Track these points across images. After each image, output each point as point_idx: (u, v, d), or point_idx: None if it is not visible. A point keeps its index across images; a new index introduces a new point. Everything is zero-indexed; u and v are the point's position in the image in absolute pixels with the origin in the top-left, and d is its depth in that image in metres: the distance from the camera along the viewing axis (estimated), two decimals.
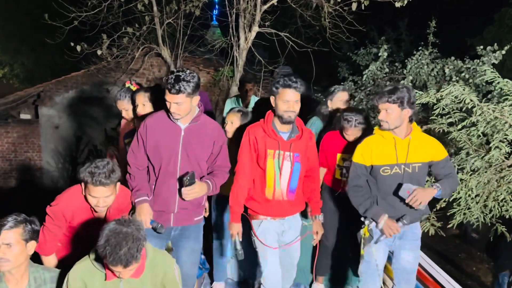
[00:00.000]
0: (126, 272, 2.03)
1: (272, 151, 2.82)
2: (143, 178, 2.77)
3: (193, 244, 2.88)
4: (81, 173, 2.49)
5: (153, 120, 2.72)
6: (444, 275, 3.41)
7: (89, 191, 2.50)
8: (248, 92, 5.05)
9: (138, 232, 2.02)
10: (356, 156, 2.93)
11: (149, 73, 9.15)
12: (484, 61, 6.34)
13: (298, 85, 2.72)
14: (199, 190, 2.65)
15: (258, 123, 2.90)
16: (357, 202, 2.92)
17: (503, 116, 3.71)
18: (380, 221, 2.83)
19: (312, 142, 3.02)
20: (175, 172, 2.71)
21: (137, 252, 1.98)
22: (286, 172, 2.86)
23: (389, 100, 2.74)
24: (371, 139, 2.91)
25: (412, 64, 7.02)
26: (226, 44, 7.79)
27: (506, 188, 3.87)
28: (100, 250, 1.97)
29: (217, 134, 2.80)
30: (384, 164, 2.85)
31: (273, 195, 2.89)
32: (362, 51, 8.89)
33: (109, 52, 7.98)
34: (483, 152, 3.97)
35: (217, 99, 9.13)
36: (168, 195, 2.75)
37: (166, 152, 2.68)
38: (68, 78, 9.71)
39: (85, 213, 2.64)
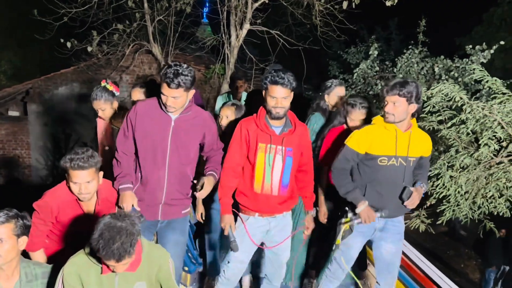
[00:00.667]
0: (120, 266, 2.02)
1: (264, 145, 2.80)
2: (129, 164, 2.75)
3: (178, 236, 2.88)
4: (61, 161, 2.50)
5: (144, 107, 2.70)
6: (435, 270, 3.45)
7: (71, 178, 2.49)
8: (239, 89, 5.05)
9: (132, 227, 2.00)
10: (351, 141, 2.91)
11: (140, 70, 9.09)
12: (473, 60, 6.42)
13: (286, 81, 2.67)
14: (209, 187, 2.71)
15: (251, 117, 2.88)
16: (340, 183, 2.93)
17: (492, 114, 3.76)
18: (360, 206, 2.87)
19: (306, 136, 2.99)
20: (164, 162, 2.70)
21: (131, 247, 1.97)
22: (278, 166, 2.83)
23: (399, 93, 2.73)
24: (371, 128, 2.90)
25: (402, 63, 7.08)
26: (217, 42, 7.77)
27: (495, 185, 3.92)
28: (93, 243, 1.95)
29: (208, 125, 2.81)
30: (383, 154, 2.86)
31: (262, 189, 2.85)
32: (353, 49, 8.95)
33: (99, 49, 7.90)
34: (472, 149, 4.02)
35: (208, 97, 9.11)
36: (156, 186, 2.74)
37: (155, 142, 2.67)
38: (58, 75, 9.62)
39: (72, 207, 2.63)
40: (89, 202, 2.66)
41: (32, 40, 8.72)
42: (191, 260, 3.40)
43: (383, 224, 2.99)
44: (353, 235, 2.98)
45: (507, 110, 3.76)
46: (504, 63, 10.22)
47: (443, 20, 11.64)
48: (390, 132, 2.85)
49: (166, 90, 2.54)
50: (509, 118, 3.77)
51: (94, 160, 2.49)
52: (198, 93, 5.72)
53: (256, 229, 2.92)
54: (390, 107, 2.78)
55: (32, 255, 2.63)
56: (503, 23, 10.76)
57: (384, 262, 3.04)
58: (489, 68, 6.01)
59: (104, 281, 2.14)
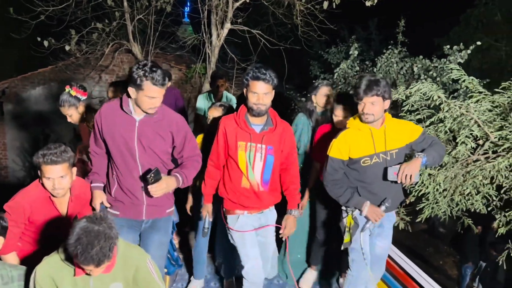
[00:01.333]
0: (98, 270, 1.99)
1: (243, 143, 2.81)
2: (101, 163, 2.74)
3: (162, 236, 2.84)
4: (34, 158, 2.46)
5: (107, 109, 2.64)
6: (415, 267, 3.49)
7: (43, 174, 2.46)
8: (220, 88, 5.03)
9: (110, 230, 1.96)
10: (333, 151, 2.94)
11: (120, 70, 8.97)
12: (451, 60, 6.52)
13: (268, 76, 2.66)
14: (166, 185, 2.56)
15: (231, 115, 2.88)
16: (337, 194, 2.95)
17: (468, 112, 3.82)
18: (363, 208, 2.88)
19: (289, 135, 2.97)
20: (136, 165, 2.64)
21: (109, 251, 1.94)
22: (258, 164, 2.85)
23: (377, 93, 2.75)
24: (347, 134, 2.93)
25: (382, 63, 7.15)
26: (198, 41, 7.74)
27: (472, 182, 3.98)
28: (70, 249, 1.91)
29: (175, 126, 2.69)
30: (363, 155, 2.90)
31: (251, 186, 2.89)
32: (333, 49, 9.01)
33: (77, 48, 7.78)
34: (450, 147, 4.07)
35: (189, 96, 9.05)
36: (134, 187, 2.69)
37: (122, 144, 2.61)
38: (35, 75, 9.42)
39: (45, 205, 2.59)
40: (63, 199, 2.62)
41: (8, 39, 8.53)
42: (171, 261, 3.37)
43: (380, 220, 3.01)
44: (359, 230, 2.98)
45: (483, 109, 3.83)
46: (481, 63, 10.44)
47: (422, 21, 11.82)
48: (364, 132, 2.89)
49: (151, 91, 2.47)
50: (485, 117, 3.84)
51: (67, 155, 2.47)
52: (179, 93, 5.70)
53: (249, 227, 2.96)
54: (368, 108, 2.80)
55: (4, 258, 2.57)
56: (479, 24, 10.98)
57: (375, 256, 3.11)
58: (466, 68, 6.12)
59: (79, 283, 2.10)
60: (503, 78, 8.17)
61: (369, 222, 2.93)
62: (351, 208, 2.98)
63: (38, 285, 2.10)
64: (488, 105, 3.85)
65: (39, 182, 2.56)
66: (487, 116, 3.86)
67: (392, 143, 2.92)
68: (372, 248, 3.09)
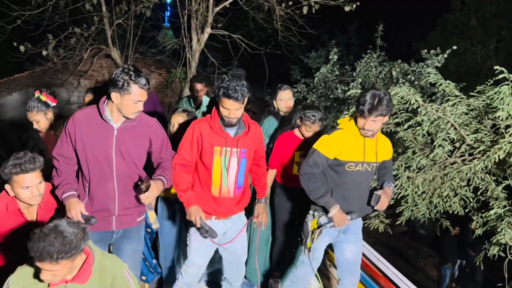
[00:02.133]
0: (44, 272, 1.90)
1: (219, 148, 2.77)
2: (70, 173, 2.61)
3: (135, 245, 2.78)
4: (4, 171, 2.37)
5: (83, 117, 2.54)
6: (393, 270, 3.52)
7: (20, 184, 2.39)
8: (199, 92, 4.99)
9: (74, 238, 1.89)
10: (322, 147, 2.91)
11: (99, 75, 8.86)
12: (428, 64, 6.63)
13: (239, 95, 2.60)
14: (157, 190, 2.56)
15: (204, 119, 2.83)
16: (311, 188, 2.92)
17: (445, 115, 3.88)
18: (332, 209, 2.89)
19: (260, 135, 3.00)
20: (111, 175, 2.57)
21: (57, 253, 1.85)
22: (233, 168, 2.82)
23: (382, 113, 2.74)
24: (342, 134, 2.92)
25: (361, 67, 7.23)
26: (178, 46, 7.70)
27: (449, 184, 4.05)
28: (31, 233, 1.87)
29: (154, 132, 2.66)
30: (351, 160, 2.90)
31: (219, 193, 2.84)
32: (314, 54, 9.06)
33: (55, 53, 7.65)
34: (428, 150, 4.13)
35: (170, 101, 8.99)
36: (107, 198, 2.61)
37: (99, 153, 2.53)
38: (11, 80, 9.22)
39: (13, 218, 2.52)
40: (32, 208, 2.56)
41: None
42: (149, 269, 3.33)
43: (345, 226, 3.03)
44: (320, 237, 2.99)
45: (459, 112, 3.90)
46: (457, 67, 10.65)
47: (400, 26, 11.99)
48: (358, 138, 2.90)
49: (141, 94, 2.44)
50: (461, 120, 3.90)
51: (40, 160, 2.44)
52: (157, 98, 5.65)
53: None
54: (370, 125, 2.79)
55: None
56: (455, 29, 11.22)
57: (348, 263, 3.10)
58: (444, 71, 6.21)
59: None
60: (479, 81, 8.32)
61: (331, 223, 2.92)
62: (318, 213, 2.99)
63: None
64: (464, 108, 3.93)
65: (7, 195, 2.47)
66: (463, 119, 3.93)
67: (379, 156, 2.97)
68: (342, 254, 3.10)
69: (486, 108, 3.90)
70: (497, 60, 10.37)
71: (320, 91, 7.61)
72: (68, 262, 1.92)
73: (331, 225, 2.92)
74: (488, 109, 3.88)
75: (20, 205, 2.52)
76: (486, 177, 3.91)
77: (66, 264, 1.92)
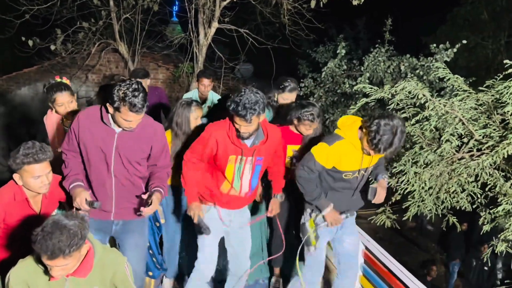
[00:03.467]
0: (55, 268, 1.92)
1: (234, 157, 2.78)
2: (77, 165, 2.67)
3: (137, 239, 2.80)
4: (15, 161, 2.40)
5: (85, 119, 2.59)
6: (398, 265, 3.49)
7: (31, 173, 2.42)
8: (206, 87, 4.97)
9: (78, 229, 1.91)
10: (320, 157, 2.87)
11: (106, 69, 8.87)
12: (437, 58, 6.56)
13: (247, 114, 2.57)
14: (157, 202, 2.63)
15: (223, 126, 2.79)
16: (306, 190, 2.95)
17: (453, 110, 3.83)
18: (325, 209, 2.94)
19: (277, 138, 2.95)
20: (109, 175, 2.62)
21: (68, 247, 1.86)
22: (247, 175, 2.87)
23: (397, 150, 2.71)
24: (342, 146, 2.86)
25: (369, 62, 7.17)
26: (186, 40, 7.70)
27: (457, 180, 4.01)
28: (33, 235, 1.87)
29: (155, 137, 2.67)
30: (349, 170, 2.93)
31: (228, 191, 2.91)
32: (321, 48, 9.00)
33: (63, 47, 7.71)
34: (435, 145, 4.09)
35: (177, 96, 8.99)
36: (105, 195, 2.67)
37: (98, 154, 2.58)
38: (20, 75, 9.29)
39: (21, 207, 2.56)
40: (38, 198, 2.62)
41: None
42: (156, 265, 3.33)
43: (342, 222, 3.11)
44: (320, 238, 3.04)
45: (468, 107, 3.85)
46: (467, 62, 10.51)
47: (409, 19, 11.87)
48: (357, 149, 2.87)
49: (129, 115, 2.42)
50: (469, 115, 3.86)
51: (49, 150, 2.48)
52: (163, 92, 5.65)
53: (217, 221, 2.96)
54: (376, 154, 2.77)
55: None
56: (466, 23, 11.06)
57: (348, 254, 3.17)
58: (453, 66, 6.17)
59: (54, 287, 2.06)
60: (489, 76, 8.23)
61: (325, 223, 2.99)
62: (315, 213, 3.03)
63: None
64: (473, 103, 3.87)
65: (15, 185, 2.51)
66: (471, 114, 3.88)
67: (374, 160, 2.98)
68: (342, 246, 3.16)
69: (495, 102, 3.85)
70: (508, 54, 10.21)
71: (327, 85, 7.57)
72: (77, 253, 1.95)
73: (325, 224, 2.99)
74: (497, 103, 3.83)
75: (27, 194, 2.56)
76: (495, 173, 3.86)
77: (76, 255, 1.96)
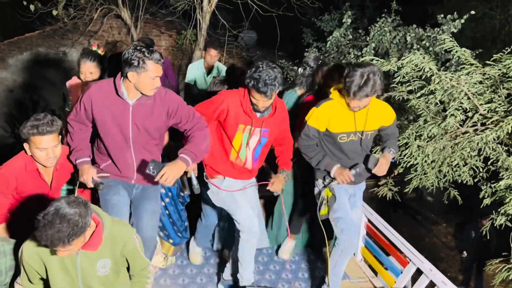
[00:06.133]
0: (59, 252, 1.96)
1: (243, 126, 2.84)
2: (84, 138, 2.68)
3: (153, 206, 2.86)
4: (23, 130, 2.43)
5: (98, 92, 2.55)
6: (398, 237, 3.56)
7: (36, 145, 2.45)
8: (213, 58, 4.93)
9: (79, 217, 1.91)
10: (311, 120, 2.94)
11: (109, 35, 8.75)
12: (444, 29, 6.47)
13: (268, 91, 2.61)
14: (175, 171, 2.49)
15: (237, 93, 2.82)
16: (310, 156, 3.01)
17: (459, 84, 3.82)
18: (332, 169, 2.96)
19: (284, 113, 3.02)
20: (128, 146, 2.63)
21: (68, 237, 1.88)
22: (252, 144, 2.93)
23: (367, 94, 2.70)
24: (329, 105, 2.91)
25: (375, 31, 7.07)
26: (189, 7, 7.57)
27: (460, 154, 4.04)
28: (36, 220, 1.89)
29: (168, 104, 2.62)
30: (342, 131, 2.93)
31: (236, 159, 2.98)
32: (327, 17, 8.86)
33: (65, 12, 7.60)
34: (439, 119, 4.10)
35: (180, 63, 8.92)
36: (126, 166, 2.70)
37: (115, 127, 2.57)
38: (22, 39, 9.17)
39: (32, 177, 2.60)
40: (49, 170, 2.65)
41: None
42: (177, 233, 3.40)
43: (353, 191, 3.16)
44: (338, 198, 3.01)
45: (474, 81, 3.83)
46: (474, 32, 10.34)
47: None
48: (348, 109, 2.89)
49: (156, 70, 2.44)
50: (475, 89, 3.85)
51: (57, 123, 2.49)
52: (169, 62, 5.61)
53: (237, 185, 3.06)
54: (356, 103, 2.79)
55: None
56: None
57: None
58: (459, 37, 6.08)
59: (66, 261, 2.11)
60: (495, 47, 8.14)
61: (335, 181, 2.98)
62: (328, 179, 3.04)
63: (26, 263, 2.11)
64: (479, 77, 3.86)
65: (26, 154, 2.55)
66: (477, 88, 3.87)
67: (371, 125, 2.97)
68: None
69: (501, 77, 3.83)
70: None
71: (332, 55, 7.49)
72: (80, 238, 1.97)
73: (335, 183, 3.00)
74: (503, 78, 3.81)
75: (38, 165, 2.60)
76: (498, 147, 3.88)
77: (79, 241, 1.98)
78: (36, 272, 2.15)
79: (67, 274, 2.14)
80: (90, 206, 2.02)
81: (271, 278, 3.67)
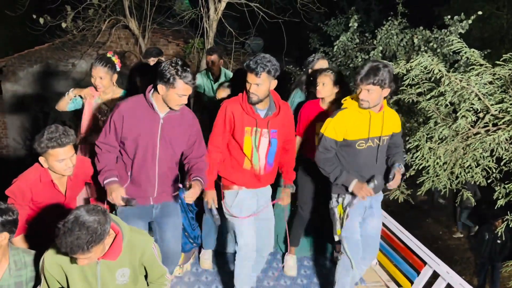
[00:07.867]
0: (79, 260, 1.98)
1: (249, 128, 2.87)
2: (111, 160, 2.71)
3: (175, 220, 2.91)
4: (39, 145, 2.46)
5: (128, 108, 2.61)
6: (413, 239, 3.55)
7: (56, 157, 2.49)
8: (212, 64, 4.89)
9: (98, 225, 1.93)
10: (328, 130, 2.92)
11: (117, 46, 8.84)
12: (452, 30, 6.44)
13: (258, 67, 2.68)
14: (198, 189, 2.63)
15: (236, 99, 2.89)
16: (328, 171, 2.97)
17: (469, 85, 3.82)
18: (351, 185, 2.92)
19: (289, 116, 3.06)
20: (154, 161, 2.67)
21: (86, 244, 1.89)
22: (264, 148, 2.92)
23: (373, 82, 2.72)
24: (345, 114, 2.91)
25: (382, 35, 7.06)
26: (196, 15, 7.63)
27: (472, 155, 4.02)
28: (56, 228, 1.92)
29: (193, 126, 2.76)
30: (359, 138, 2.91)
31: (251, 167, 2.98)
32: (333, 21, 8.87)
33: (74, 24, 7.70)
34: (450, 121, 4.08)
35: None
36: (147, 183, 2.73)
37: (145, 141, 2.62)
38: (32, 52, 9.32)
39: (47, 188, 2.63)
40: (63, 179, 2.69)
41: (2, 16, 8.42)
42: (188, 239, 3.44)
43: (369, 202, 3.08)
44: (351, 219, 3.01)
45: (484, 82, 3.82)
46: (481, 32, 10.30)
47: None
48: (363, 115, 2.88)
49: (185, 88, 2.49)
50: (485, 90, 3.84)
51: (72, 133, 2.53)
52: None
53: (248, 202, 3.04)
54: (364, 94, 2.79)
55: (13, 241, 2.60)
56: None
57: (370, 237, 3.15)
58: (467, 37, 6.04)
59: (86, 270, 2.13)
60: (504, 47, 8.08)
61: (356, 198, 2.95)
62: (341, 196, 3.02)
63: (47, 272, 2.13)
64: (489, 77, 3.85)
65: (40, 166, 2.58)
66: (487, 89, 3.86)
67: (387, 129, 2.96)
68: (365, 228, 3.13)
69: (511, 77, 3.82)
70: None
71: (339, 60, 7.50)
72: (99, 246, 1.99)
73: (356, 200, 2.94)
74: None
75: (52, 176, 2.63)
76: (510, 148, 3.86)
77: (98, 248, 2.00)
78: (57, 281, 2.17)
79: (87, 283, 2.16)
80: (108, 214, 2.04)
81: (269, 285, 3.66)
